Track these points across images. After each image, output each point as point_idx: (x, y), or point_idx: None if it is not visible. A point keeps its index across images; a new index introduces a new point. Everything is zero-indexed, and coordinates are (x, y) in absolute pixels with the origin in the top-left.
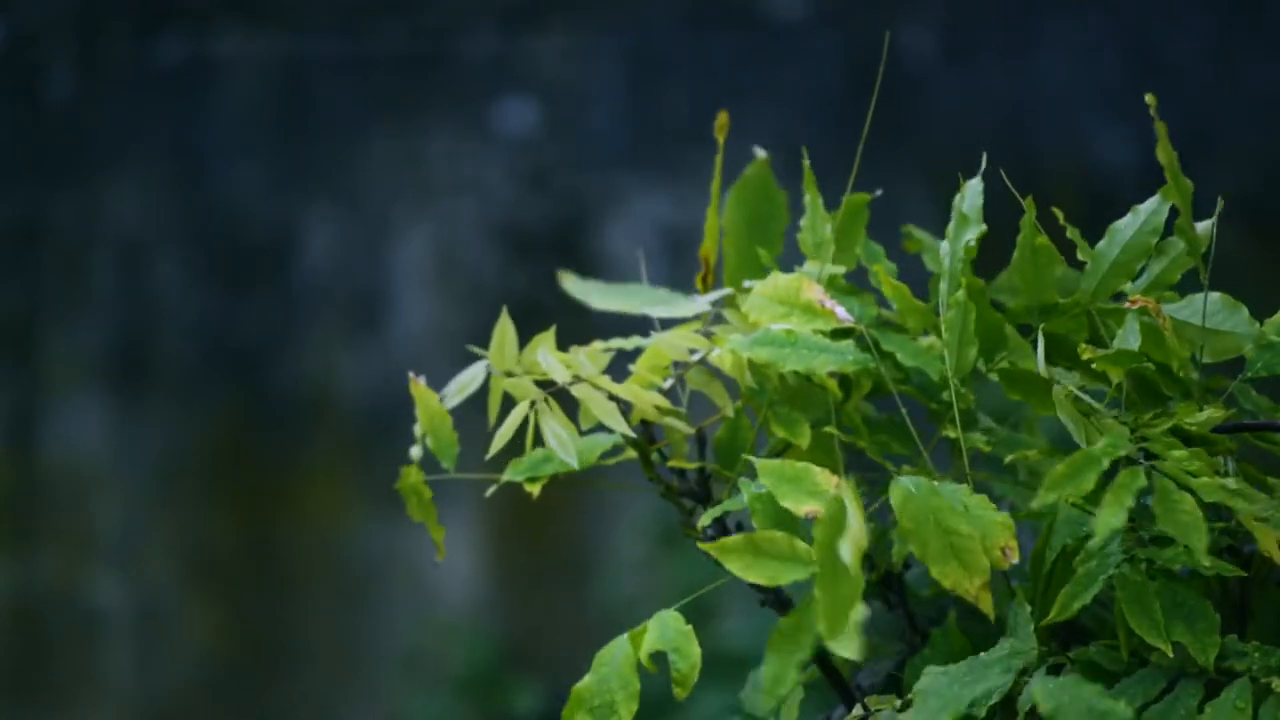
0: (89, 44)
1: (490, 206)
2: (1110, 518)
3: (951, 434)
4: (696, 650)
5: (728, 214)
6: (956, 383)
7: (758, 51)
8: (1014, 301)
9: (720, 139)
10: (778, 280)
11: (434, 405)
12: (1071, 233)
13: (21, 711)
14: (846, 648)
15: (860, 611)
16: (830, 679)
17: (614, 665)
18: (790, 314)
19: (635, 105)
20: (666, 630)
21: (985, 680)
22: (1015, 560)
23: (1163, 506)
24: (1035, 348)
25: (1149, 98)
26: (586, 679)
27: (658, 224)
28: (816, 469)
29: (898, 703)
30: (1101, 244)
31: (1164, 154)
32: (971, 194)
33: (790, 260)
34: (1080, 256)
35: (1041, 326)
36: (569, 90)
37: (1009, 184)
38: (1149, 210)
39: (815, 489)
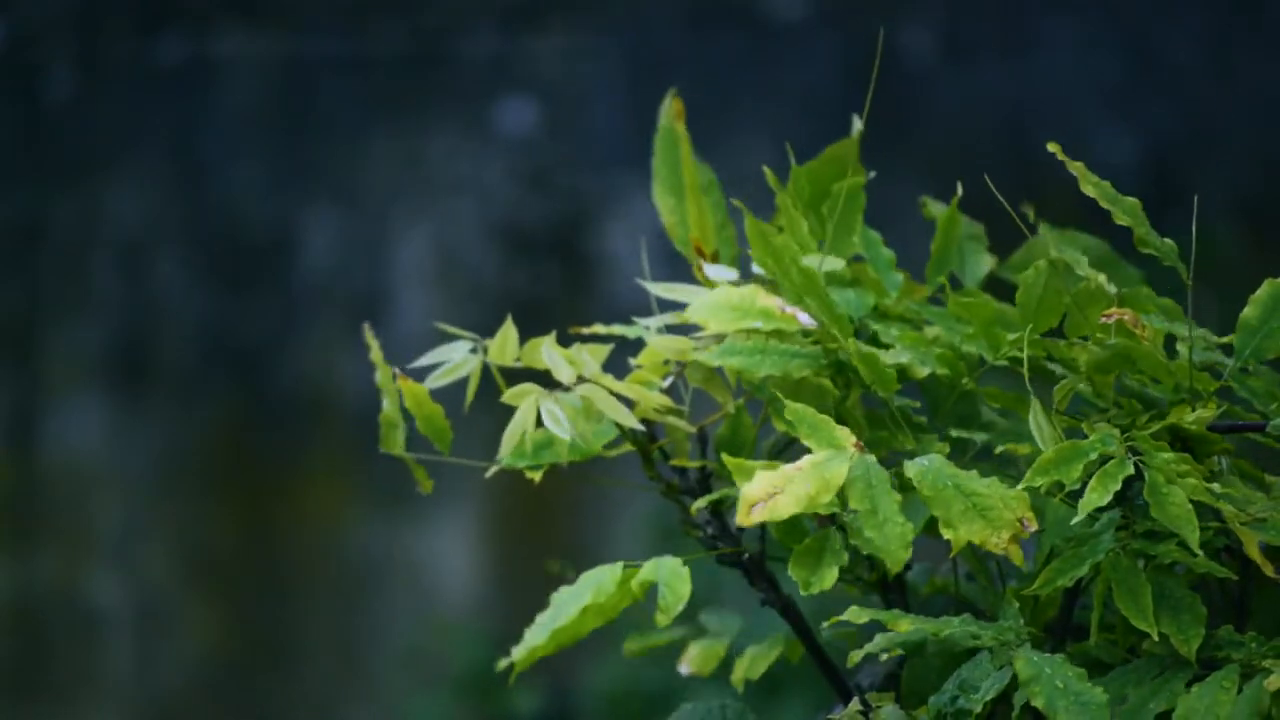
0: (89, 44)
1: (490, 206)
2: (1094, 498)
3: (908, 445)
4: (687, 587)
5: (656, 169)
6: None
7: (758, 51)
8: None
9: (679, 126)
10: (730, 292)
11: (422, 396)
12: (1044, 231)
13: (21, 711)
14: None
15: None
16: (829, 677)
17: (598, 576)
18: (745, 319)
19: (635, 105)
20: (663, 567)
21: (966, 635)
22: (1035, 528)
23: (1154, 498)
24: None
25: (1052, 146)
26: (567, 588)
27: (658, 224)
28: (836, 425)
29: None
30: (1019, 294)
31: (1091, 189)
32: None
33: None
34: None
35: (1026, 338)
36: (569, 90)
37: (995, 191)
38: (1040, 280)
39: (834, 440)
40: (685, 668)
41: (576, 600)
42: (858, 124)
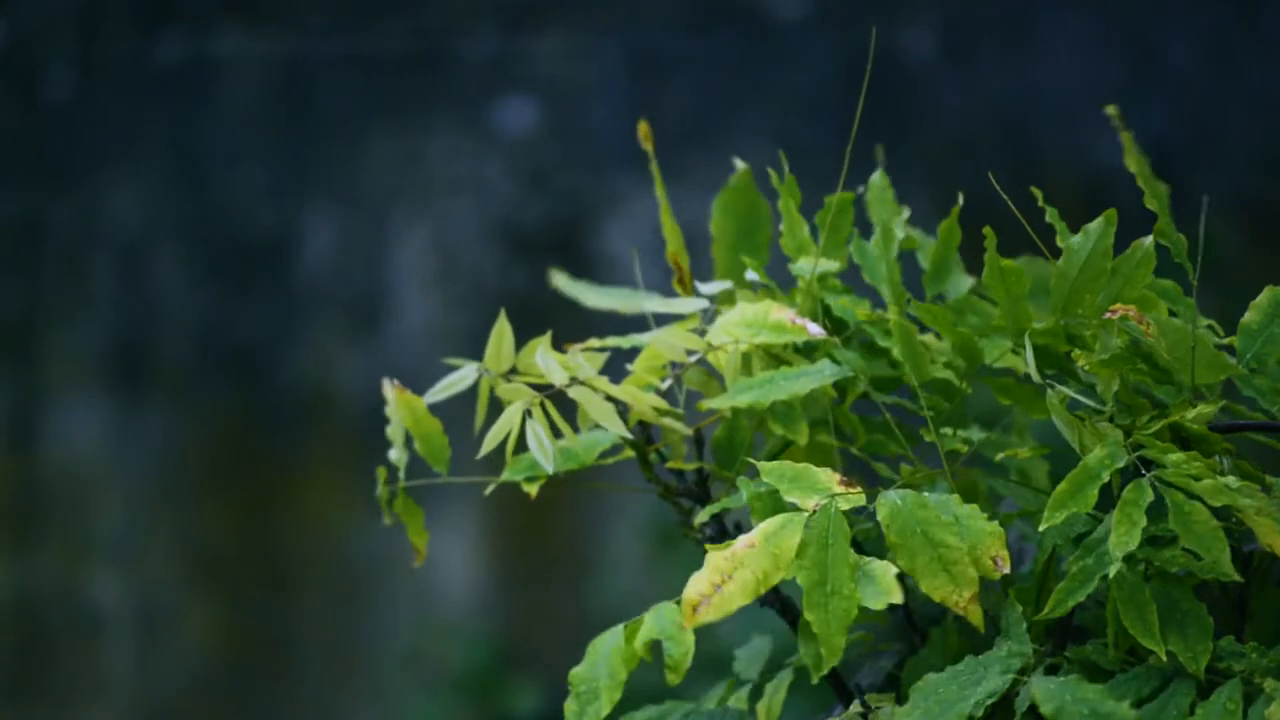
0: (89, 44)
1: (490, 206)
2: (1124, 539)
3: (928, 438)
4: (690, 638)
5: (715, 221)
6: (921, 391)
7: (758, 51)
8: (994, 317)
9: (649, 148)
10: (745, 309)
11: (420, 411)
12: (1051, 215)
13: (21, 711)
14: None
15: (885, 576)
16: (829, 678)
17: (604, 654)
18: (759, 334)
19: (635, 105)
20: (663, 620)
21: (986, 681)
22: (1006, 570)
23: (1179, 522)
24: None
25: (1110, 109)
26: (579, 666)
27: (657, 224)
28: (815, 469)
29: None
30: (1061, 263)
31: (1133, 163)
32: (877, 194)
33: (776, 271)
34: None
35: (1029, 334)
36: (569, 90)
37: (999, 188)
38: (1097, 232)
39: (816, 485)
40: None
41: (596, 697)
42: (740, 163)
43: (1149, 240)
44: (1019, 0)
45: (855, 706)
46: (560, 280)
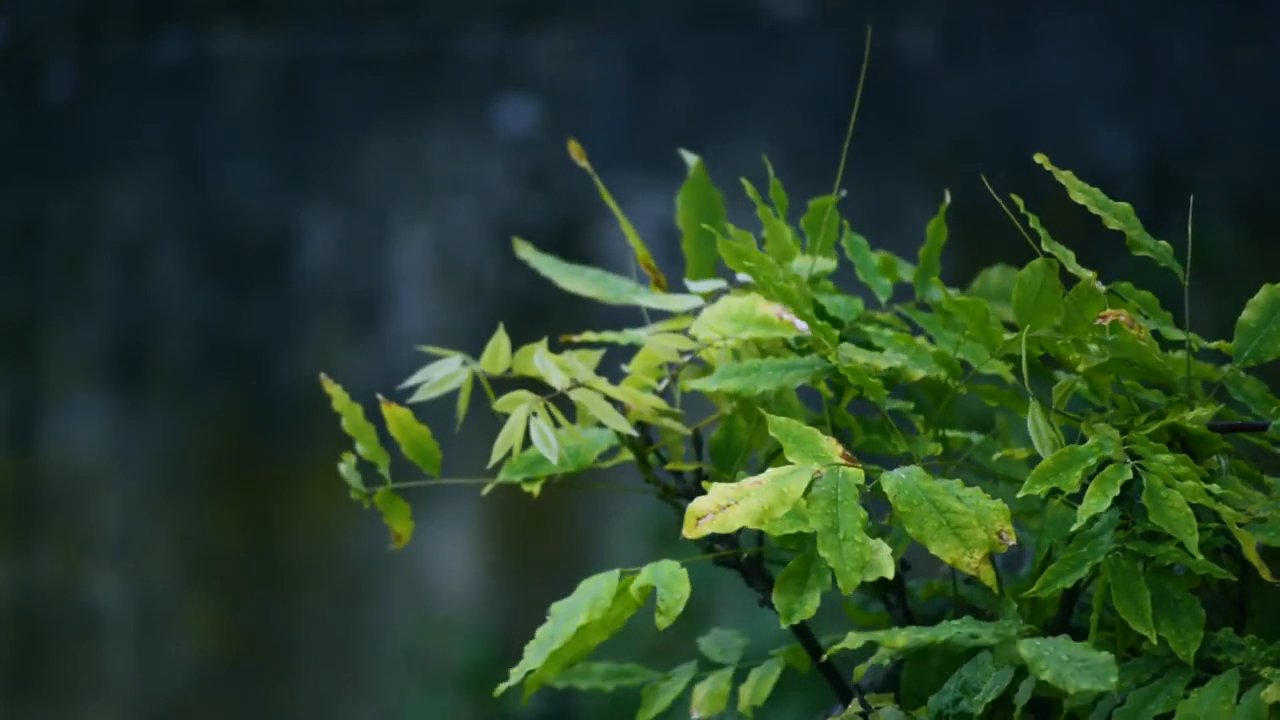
0: (89, 44)
1: (490, 206)
2: (1093, 504)
3: (902, 447)
4: (686, 588)
5: (680, 215)
6: (898, 399)
7: (758, 51)
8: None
9: (583, 163)
10: (730, 302)
11: (407, 421)
12: (1033, 221)
13: (21, 711)
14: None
15: (879, 554)
16: (828, 677)
17: (593, 587)
18: (745, 329)
19: (635, 105)
20: (660, 571)
21: (977, 633)
22: (1012, 542)
23: (1152, 502)
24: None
25: (1039, 157)
26: (564, 599)
27: (657, 224)
28: (820, 434)
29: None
30: (1015, 294)
31: (1080, 195)
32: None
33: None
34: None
35: (1025, 337)
36: (569, 90)
37: (992, 190)
38: (1041, 272)
39: (819, 453)
40: (696, 714)
41: (574, 616)
42: (691, 158)
43: (1093, 277)
44: (1019, 0)
45: (855, 706)
46: (527, 252)
